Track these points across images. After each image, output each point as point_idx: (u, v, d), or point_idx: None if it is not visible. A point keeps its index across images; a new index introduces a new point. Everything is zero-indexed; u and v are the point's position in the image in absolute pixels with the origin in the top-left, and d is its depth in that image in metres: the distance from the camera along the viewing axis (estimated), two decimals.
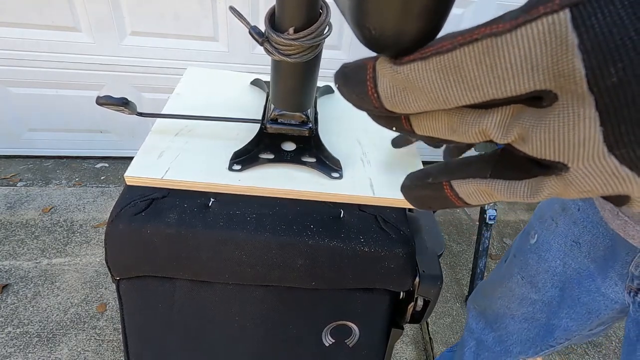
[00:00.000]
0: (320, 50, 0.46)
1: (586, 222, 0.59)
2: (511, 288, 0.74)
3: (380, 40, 0.16)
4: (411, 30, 0.15)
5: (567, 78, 0.13)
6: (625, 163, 0.13)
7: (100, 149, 1.92)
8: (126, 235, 0.51)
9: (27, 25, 1.50)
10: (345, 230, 0.53)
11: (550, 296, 0.67)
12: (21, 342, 1.16)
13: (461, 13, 1.70)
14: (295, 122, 0.52)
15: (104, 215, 1.63)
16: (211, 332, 0.61)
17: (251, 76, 0.72)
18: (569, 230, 0.62)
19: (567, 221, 0.62)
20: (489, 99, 0.15)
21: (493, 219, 1.34)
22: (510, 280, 0.73)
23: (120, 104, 0.49)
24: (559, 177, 0.15)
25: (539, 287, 0.68)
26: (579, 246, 0.61)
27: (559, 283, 0.65)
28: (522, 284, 0.71)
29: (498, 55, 0.13)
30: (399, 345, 1.28)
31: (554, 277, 0.66)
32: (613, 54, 0.12)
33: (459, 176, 0.19)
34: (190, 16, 1.56)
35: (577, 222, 0.60)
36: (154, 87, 1.73)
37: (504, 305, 0.76)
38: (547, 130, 0.14)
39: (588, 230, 0.59)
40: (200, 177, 0.47)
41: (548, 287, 0.67)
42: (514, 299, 0.73)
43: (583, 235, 0.60)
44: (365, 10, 0.15)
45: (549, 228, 0.66)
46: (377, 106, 0.17)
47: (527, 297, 0.71)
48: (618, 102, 0.12)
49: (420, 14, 0.15)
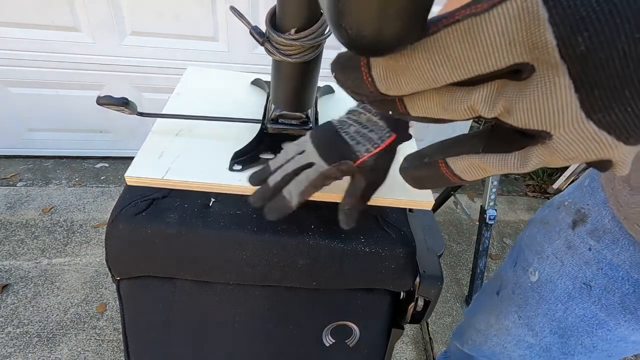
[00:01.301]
0: (321, 50, 0.46)
1: (602, 264, 0.52)
2: (507, 327, 0.68)
3: (357, 40, 0.16)
4: (388, 32, 0.15)
5: (541, 50, 0.14)
6: (603, 127, 0.14)
7: (100, 149, 1.92)
8: (126, 235, 0.51)
9: (27, 25, 1.50)
10: (345, 231, 0.53)
11: (549, 342, 0.62)
12: (21, 342, 1.16)
13: None
14: (296, 122, 0.52)
15: (104, 215, 1.63)
16: (211, 332, 0.61)
17: (251, 76, 0.72)
18: (580, 271, 0.55)
19: (577, 261, 0.56)
20: (474, 75, 0.16)
21: (493, 219, 1.34)
22: (507, 319, 0.68)
23: (120, 104, 0.49)
24: (544, 146, 0.16)
25: (536, 331, 0.62)
26: (589, 290, 0.54)
27: (558, 330, 0.60)
28: (519, 325, 0.65)
29: (478, 33, 0.15)
30: (399, 345, 1.28)
31: (552, 322, 0.60)
32: (579, 24, 0.13)
33: (454, 153, 0.20)
34: (190, 16, 1.56)
35: (589, 263, 0.54)
36: (154, 87, 1.73)
37: (499, 344, 0.71)
38: (527, 101, 0.15)
39: (604, 272, 0.52)
40: (200, 177, 0.47)
41: (546, 332, 0.61)
42: (510, 339, 0.68)
43: (597, 277, 0.53)
44: (341, 10, 0.15)
45: (553, 267, 0.59)
46: (372, 90, 0.18)
47: (524, 339, 0.65)
48: (588, 68, 0.13)
49: (397, 16, 0.15)
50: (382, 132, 0.42)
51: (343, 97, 0.72)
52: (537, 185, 2.21)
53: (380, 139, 0.42)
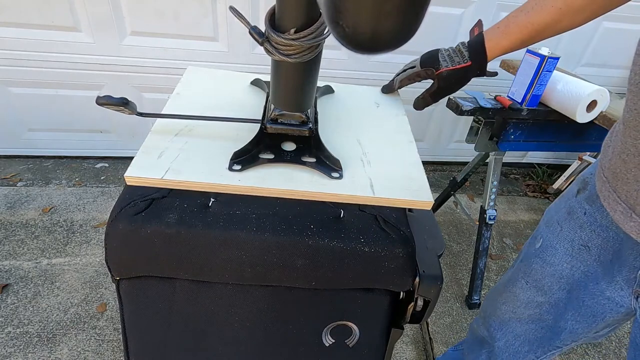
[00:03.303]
0: (321, 50, 0.46)
1: (594, 226, 0.58)
2: (515, 293, 0.74)
3: (354, 38, 0.16)
4: (385, 30, 0.15)
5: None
6: None
7: (100, 149, 1.92)
8: (126, 235, 0.51)
9: (27, 25, 1.50)
10: (345, 231, 0.53)
11: (557, 298, 0.67)
12: (21, 342, 1.16)
13: (461, 13, 1.70)
14: (295, 122, 0.52)
15: (104, 215, 1.63)
16: (211, 332, 0.61)
17: (251, 76, 0.72)
18: (575, 234, 0.62)
19: (572, 225, 0.62)
20: None
21: (493, 219, 1.34)
22: (515, 286, 0.73)
23: (120, 104, 0.49)
24: None
25: (545, 290, 0.68)
26: (588, 250, 0.60)
27: (567, 285, 0.65)
28: (527, 289, 0.71)
29: None
30: (399, 345, 1.27)
31: (560, 280, 0.65)
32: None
33: None
34: (190, 16, 1.56)
35: (583, 227, 0.60)
36: (154, 87, 1.73)
37: (509, 310, 0.76)
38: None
39: (597, 234, 0.58)
40: (200, 177, 0.47)
41: (555, 289, 0.67)
42: (519, 304, 0.73)
43: (593, 239, 0.59)
44: (339, 8, 0.15)
45: (554, 232, 0.66)
46: None
47: (533, 300, 0.71)
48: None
49: (393, 14, 0.15)
50: (463, 58, 0.64)
51: (343, 97, 0.72)
52: (537, 185, 2.21)
53: (459, 62, 0.64)
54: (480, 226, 1.37)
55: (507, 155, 1.34)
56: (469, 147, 1.31)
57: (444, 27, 1.73)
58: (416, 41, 0.28)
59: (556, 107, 1.16)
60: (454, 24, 1.73)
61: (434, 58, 0.66)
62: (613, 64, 1.95)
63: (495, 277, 1.59)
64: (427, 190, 0.52)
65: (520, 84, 1.16)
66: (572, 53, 1.89)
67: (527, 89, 1.14)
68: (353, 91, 0.75)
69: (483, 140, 1.26)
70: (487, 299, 0.86)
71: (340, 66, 1.76)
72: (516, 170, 2.33)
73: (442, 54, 0.65)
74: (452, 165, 2.27)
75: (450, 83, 0.65)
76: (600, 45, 1.88)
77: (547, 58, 1.07)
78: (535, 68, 1.09)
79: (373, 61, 1.79)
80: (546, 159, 2.34)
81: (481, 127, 1.23)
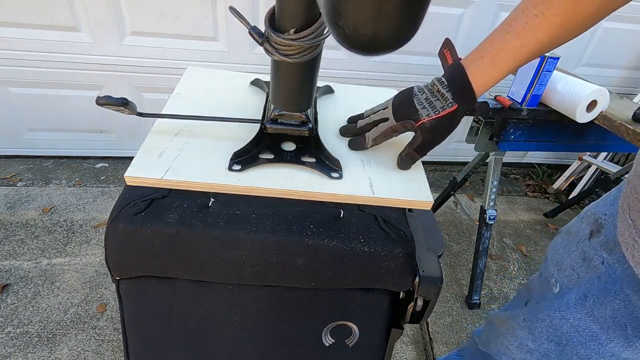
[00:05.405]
0: (320, 50, 0.46)
1: (614, 279, 0.51)
2: (513, 327, 0.70)
3: (354, 39, 0.16)
4: (385, 31, 0.15)
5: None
6: None
7: (100, 149, 1.92)
8: (126, 235, 0.51)
9: (27, 25, 1.50)
10: (345, 230, 0.53)
11: (547, 349, 0.62)
12: (21, 342, 1.16)
13: (461, 13, 1.70)
14: (295, 122, 0.52)
15: (104, 215, 1.63)
16: (211, 332, 0.61)
17: (251, 76, 0.72)
18: (593, 285, 0.54)
19: (590, 276, 0.55)
20: None
21: (493, 219, 1.34)
22: (515, 320, 0.70)
23: (120, 104, 0.49)
24: None
25: (536, 336, 0.63)
26: (584, 300, 0.54)
27: (555, 337, 0.60)
28: (522, 327, 0.67)
29: None
30: (399, 345, 1.27)
31: (549, 329, 0.60)
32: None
33: None
34: (190, 16, 1.56)
35: (601, 278, 0.53)
36: (154, 87, 1.73)
37: (504, 344, 0.72)
38: None
39: (615, 294, 0.51)
40: (200, 177, 0.47)
41: (543, 338, 0.62)
42: (513, 340, 0.70)
43: (592, 289, 0.53)
44: (339, 9, 0.15)
45: (570, 279, 0.58)
46: None
47: (525, 343, 0.66)
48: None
49: (393, 15, 0.15)
50: (446, 102, 0.50)
51: (342, 97, 0.72)
52: (537, 185, 2.21)
53: (442, 107, 0.50)
54: (480, 226, 1.37)
55: (507, 155, 1.34)
56: (469, 147, 1.31)
57: (444, 27, 1.73)
58: (416, 41, 0.28)
59: (556, 107, 1.16)
60: (454, 24, 1.73)
61: (410, 105, 0.52)
62: (613, 64, 1.95)
63: (495, 277, 1.59)
64: (427, 190, 0.52)
65: (520, 84, 1.17)
66: (572, 53, 1.89)
67: (527, 89, 1.14)
68: (353, 91, 0.75)
69: (483, 140, 1.26)
70: (492, 319, 0.80)
71: (340, 66, 1.76)
72: (516, 170, 2.33)
73: (418, 98, 0.52)
74: (452, 165, 2.27)
75: (437, 133, 0.52)
76: (600, 46, 1.88)
77: (547, 58, 1.07)
78: (535, 68, 1.09)
79: (373, 61, 1.79)
80: (546, 159, 2.34)
81: (481, 127, 1.23)
